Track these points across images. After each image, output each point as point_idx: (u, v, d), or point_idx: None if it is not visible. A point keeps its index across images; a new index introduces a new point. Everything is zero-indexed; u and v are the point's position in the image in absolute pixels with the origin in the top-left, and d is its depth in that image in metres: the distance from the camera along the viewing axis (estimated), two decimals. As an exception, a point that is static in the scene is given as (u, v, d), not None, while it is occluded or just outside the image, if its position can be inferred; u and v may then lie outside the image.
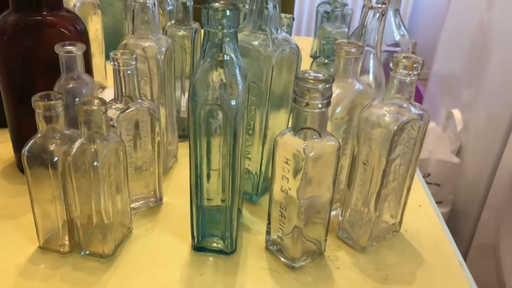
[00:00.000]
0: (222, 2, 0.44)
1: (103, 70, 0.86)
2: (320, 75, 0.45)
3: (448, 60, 1.76)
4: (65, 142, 0.47)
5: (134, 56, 0.51)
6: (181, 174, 0.67)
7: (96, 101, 0.45)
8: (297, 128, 0.46)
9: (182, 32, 0.68)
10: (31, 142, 0.47)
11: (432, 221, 0.61)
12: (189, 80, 0.71)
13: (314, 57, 1.07)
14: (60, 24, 0.57)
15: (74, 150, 0.46)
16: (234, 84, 0.45)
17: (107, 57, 0.89)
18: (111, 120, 0.51)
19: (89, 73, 0.58)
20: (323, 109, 0.45)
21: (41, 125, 0.47)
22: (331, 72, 0.52)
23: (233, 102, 0.45)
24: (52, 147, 0.47)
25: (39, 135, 0.47)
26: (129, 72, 0.51)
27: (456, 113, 1.51)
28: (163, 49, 0.59)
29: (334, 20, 0.99)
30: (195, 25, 0.68)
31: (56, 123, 0.47)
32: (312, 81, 0.44)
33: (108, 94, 0.87)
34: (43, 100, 0.45)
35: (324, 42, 0.82)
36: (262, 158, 0.58)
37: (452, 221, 1.46)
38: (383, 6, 0.58)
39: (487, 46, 1.44)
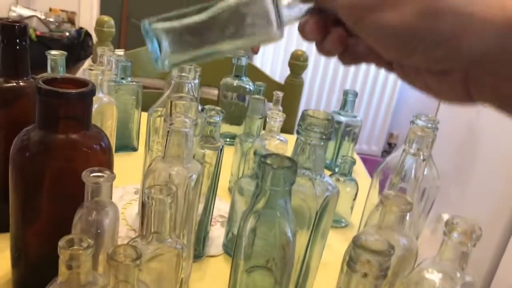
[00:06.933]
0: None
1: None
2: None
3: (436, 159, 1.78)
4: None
5: (171, 195, 0.47)
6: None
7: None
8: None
9: (206, 150, 0.64)
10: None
11: None
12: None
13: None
14: (86, 144, 0.52)
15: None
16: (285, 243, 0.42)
17: (116, 150, 0.85)
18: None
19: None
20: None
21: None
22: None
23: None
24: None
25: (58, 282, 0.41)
26: (162, 211, 0.47)
27: (445, 217, 1.51)
28: (194, 176, 0.55)
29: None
30: (220, 143, 0.65)
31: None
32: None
33: (115, 194, 0.81)
34: (68, 245, 0.41)
35: (342, 160, 0.81)
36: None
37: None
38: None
39: (475, 149, 1.47)
